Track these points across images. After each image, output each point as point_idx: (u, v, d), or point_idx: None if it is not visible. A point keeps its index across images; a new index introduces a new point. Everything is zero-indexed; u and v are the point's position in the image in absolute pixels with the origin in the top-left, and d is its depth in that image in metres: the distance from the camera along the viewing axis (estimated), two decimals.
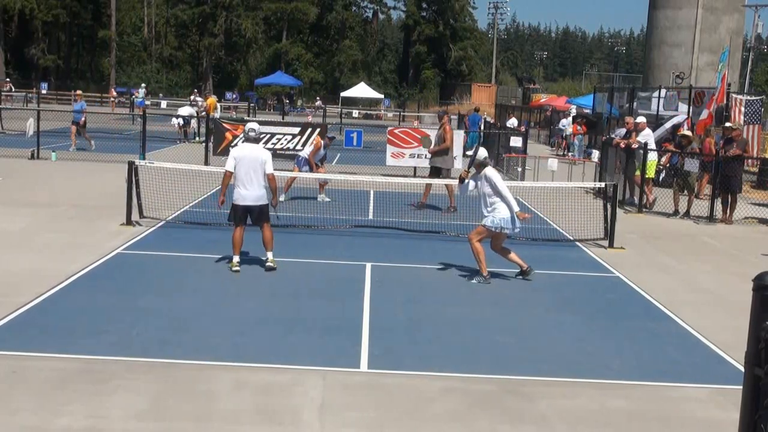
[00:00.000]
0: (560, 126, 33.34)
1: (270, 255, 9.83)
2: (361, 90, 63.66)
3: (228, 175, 9.78)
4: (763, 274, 3.37)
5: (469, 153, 10.60)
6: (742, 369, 3.54)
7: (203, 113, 31.40)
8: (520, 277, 10.03)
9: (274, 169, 10.12)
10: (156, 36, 77.46)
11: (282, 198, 14.88)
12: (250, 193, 9.71)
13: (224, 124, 21.26)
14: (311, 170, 15.47)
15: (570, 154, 29.63)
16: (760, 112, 21.77)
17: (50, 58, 67.78)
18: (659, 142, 19.22)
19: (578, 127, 30.47)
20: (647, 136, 17.59)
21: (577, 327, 8.15)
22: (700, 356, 7.47)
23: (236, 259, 9.72)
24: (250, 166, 9.70)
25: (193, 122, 31.62)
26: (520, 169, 21.67)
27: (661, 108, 23.32)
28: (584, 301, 9.30)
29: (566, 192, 16.79)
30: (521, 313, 8.58)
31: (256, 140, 10.38)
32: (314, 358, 6.77)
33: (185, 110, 31.12)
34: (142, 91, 51.79)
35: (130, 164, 12.49)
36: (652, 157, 17.19)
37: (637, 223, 15.15)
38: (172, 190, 14.16)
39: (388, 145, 20.96)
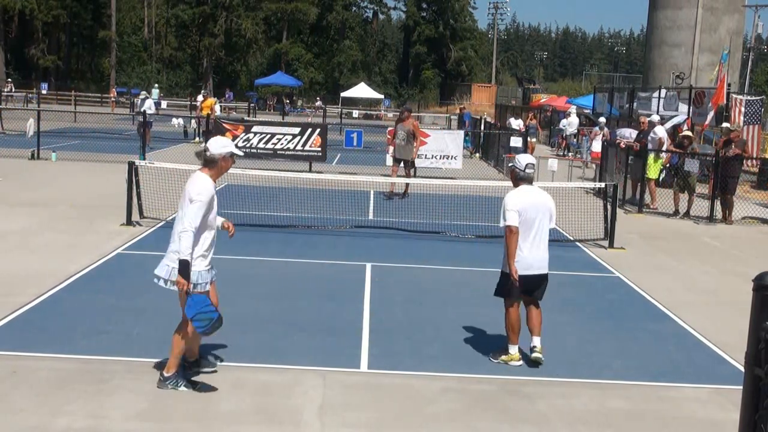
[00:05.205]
0: (560, 126, 33.34)
1: (538, 341, 6.88)
2: (361, 90, 63.67)
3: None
4: (763, 274, 3.37)
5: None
6: (743, 369, 3.54)
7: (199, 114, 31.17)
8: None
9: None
10: (156, 36, 77.44)
11: None
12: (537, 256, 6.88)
13: (224, 124, 21.25)
14: None
15: (575, 155, 29.68)
16: (760, 112, 21.78)
17: (50, 59, 67.76)
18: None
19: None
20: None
21: (577, 327, 8.15)
22: (700, 356, 7.46)
23: (516, 349, 6.92)
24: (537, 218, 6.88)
25: (193, 122, 31.55)
26: None
27: (661, 108, 23.34)
28: (584, 301, 9.30)
29: (566, 192, 16.78)
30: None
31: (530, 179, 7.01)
32: (314, 358, 6.77)
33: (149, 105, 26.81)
34: (155, 92, 50.58)
35: (130, 164, 12.50)
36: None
37: (637, 224, 15.15)
38: (172, 190, 14.14)
39: (388, 145, 20.95)
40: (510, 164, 7.15)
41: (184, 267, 5.63)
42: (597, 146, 23.26)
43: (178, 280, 5.67)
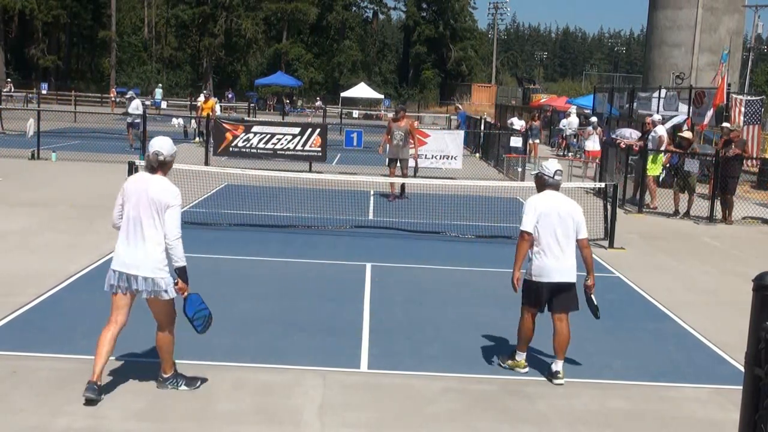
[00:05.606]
0: (560, 126, 33.37)
1: (560, 366, 6.51)
2: (361, 90, 63.69)
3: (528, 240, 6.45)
4: (763, 274, 3.37)
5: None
6: (743, 369, 3.54)
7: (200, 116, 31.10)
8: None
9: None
10: (156, 36, 77.44)
11: None
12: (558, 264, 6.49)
13: (224, 124, 21.25)
14: None
15: (575, 155, 29.73)
16: (760, 112, 21.77)
17: (50, 59, 67.75)
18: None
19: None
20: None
21: (577, 327, 8.13)
22: (700, 356, 7.47)
23: (523, 357, 6.73)
24: (560, 224, 6.46)
25: (193, 122, 31.53)
26: (520, 170, 21.66)
27: (661, 108, 23.33)
28: (584, 301, 9.27)
29: (566, 192, 16.77)
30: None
31: (557, 186, 6.67)
32: (314, 358, 6.76)
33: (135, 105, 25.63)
34: (159, 92, 51.90)
35: (131, 164, 12.48)
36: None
37: (637, 223, 15.15)
38: None
39: (387, 146, 20.95)
40: (535, 172, 6.77)
41: (184, 272, 5.72)
42: (590, 145, 23.48)
43: (180, 287, 5.73)
